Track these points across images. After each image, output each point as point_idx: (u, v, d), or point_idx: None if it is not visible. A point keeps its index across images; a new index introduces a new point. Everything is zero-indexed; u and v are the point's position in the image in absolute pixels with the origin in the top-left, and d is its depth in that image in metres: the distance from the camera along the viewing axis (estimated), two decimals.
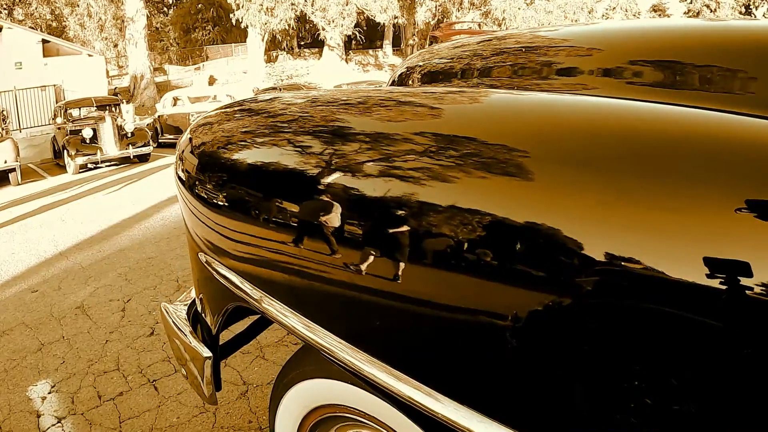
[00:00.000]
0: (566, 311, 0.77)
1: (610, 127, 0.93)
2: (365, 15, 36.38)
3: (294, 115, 1.44)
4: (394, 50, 45.78)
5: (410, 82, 2.12)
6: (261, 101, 1.68)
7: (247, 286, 1.40)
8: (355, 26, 36.82)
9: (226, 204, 1.42)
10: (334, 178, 1.11)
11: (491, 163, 0.90)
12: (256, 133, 1.43)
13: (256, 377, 3.21)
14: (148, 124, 19.97)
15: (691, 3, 46.89)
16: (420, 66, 2.12)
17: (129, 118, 16.54)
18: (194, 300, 2.13)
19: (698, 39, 1.37)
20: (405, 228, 0.96)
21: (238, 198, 1.39)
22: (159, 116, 20.80)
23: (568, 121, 1.00)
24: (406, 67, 2.20)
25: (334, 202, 1.09)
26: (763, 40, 1.24)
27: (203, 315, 1.81)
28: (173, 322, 1.94)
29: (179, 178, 1.70)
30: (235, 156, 1.42)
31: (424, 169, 0.97)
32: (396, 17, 37.40)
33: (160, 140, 19.98)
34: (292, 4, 33.21)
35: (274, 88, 24.48)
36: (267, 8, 32.63)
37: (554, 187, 0.82)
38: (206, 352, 1.71)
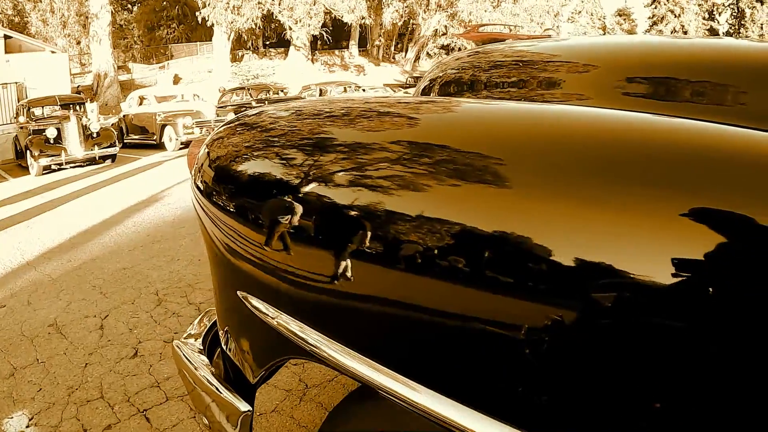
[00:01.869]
0: (549, 318, 0.77)
1: (584, 136, 0.95)
2: (332, 15, 36.39)
3: (334, 124, 1.25)
4: (360, 51, 45.96)
5: (438, 89, 1.98)
6: (289, 109, 1.45)
7: (331, 349, 1.11)
8: (322, 26, 36.81)
9: (302, 242, 1.13)
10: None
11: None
12: (316, 147, 1.17)
13: (260, 404, 2.94)
14: (112, 124, 19.48)
15: (655, 8, 47.42)
16: (449, 73, 1.99)
17: (94, 117, 16.13)
18: (212, 332, 1.88)
19: (706, 56, 1.44)
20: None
21: (324, 233, 1.10)
22: (124, 116, 20.38)
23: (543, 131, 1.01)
24: (435, 75, 2.06)
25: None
26: (749, 58, 1.36)
27: (238, 361, 1.52)
28: (194, 366, 1.66)
29: (208, 199, 1.43)
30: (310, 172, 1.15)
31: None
32: (363, 18, 37.59)
33: (125, 141, 19.56)
34: (259, 2, 33.00)
35: (241, 88, 24.24)
36: (233, 6, 32.41)
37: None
38: (243, 406, 1.42)
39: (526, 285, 0.79)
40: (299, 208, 1.11)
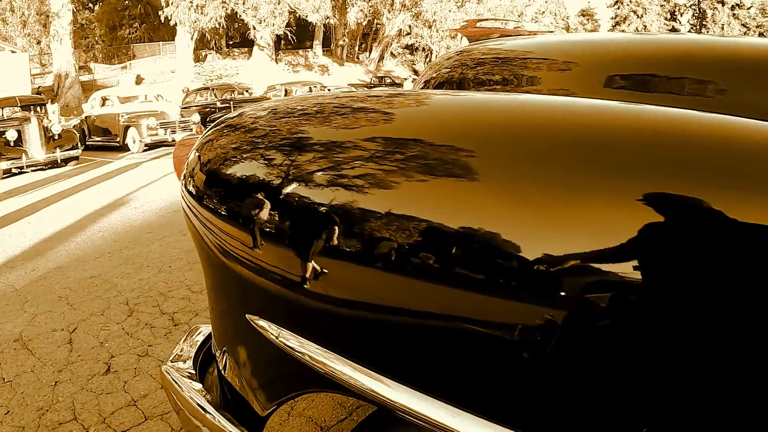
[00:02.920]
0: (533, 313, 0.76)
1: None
2: (297, 14, 36.25)
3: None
4: (324, 50, 45.98)
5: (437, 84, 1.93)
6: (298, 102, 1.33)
7: (377, 384, 0.96)
8: (286, 26, 36.66)
9: (339, 255, 0.98)
10: None
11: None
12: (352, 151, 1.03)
13: None
14: (74, 126, 19.07)
15: (618, 8, 47.92)
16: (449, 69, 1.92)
17: (55, 119, 15.78)
18: (203, 351, 1.75)
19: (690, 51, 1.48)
20: None
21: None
22: (86, 117, 19.97)
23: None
24: (428, 76, 2.00)
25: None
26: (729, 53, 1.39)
27: (242, 389, 1.36)
28: (189, 396, 1.49)
29: (209, 209, 1.27)
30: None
31: None
32: (328, 17, 37.56)
33: (87, 143, 19.18)
34: (223, 1, 32.77)
35: (206, 89, 23.96)
36: (197, 5, 32.07)
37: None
38: None
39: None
40: (330, 214, 0.97)
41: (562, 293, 0.74)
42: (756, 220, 0.67)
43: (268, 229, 1.09)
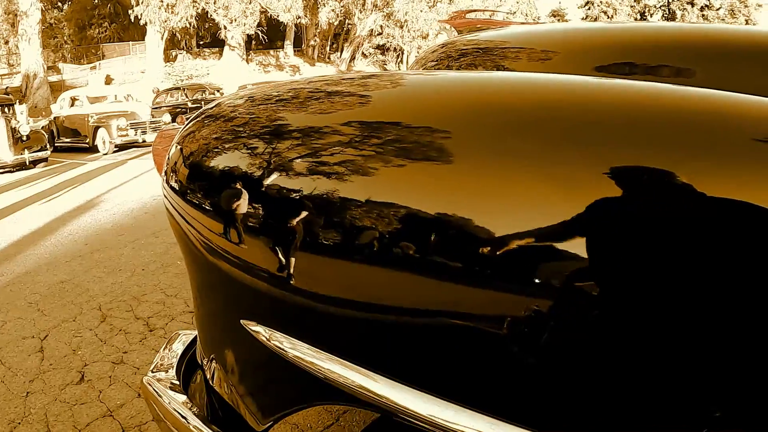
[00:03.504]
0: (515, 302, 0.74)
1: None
2: (268, 14, 36.11)
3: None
4: (295, 51, 45.91)
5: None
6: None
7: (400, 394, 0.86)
8: (257, 26, 36.51)
9: (349, 253, 0.89)
10: None
11: None
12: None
13: None
14: (43, 127, 18.76)
15: (588, 9, 48.34)
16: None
17: (23, 119, 15.51)
18: (186, 358, 1.63)
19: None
20: None
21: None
22: (55, 118, 19.67)
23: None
24: (422, 65, 1.96)
25: None
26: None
27: (234, 401, 1.25)
28: (174, 409, 1.39)
29: (195, 206, 1.17)
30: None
31: None
32: (299, 17, 37.48)
33: (56, 144, 18.88)
34: (194, 1, 32.48)
35: (176, 89, 23.78)
36: (167, 5, 31.82)
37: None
38: None
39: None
40: (333, 202, 0.89)
41: (570, 281, 0.70)
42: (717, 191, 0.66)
43: (265, 224, 1.00)
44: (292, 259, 0.94)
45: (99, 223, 7.76)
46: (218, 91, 25.42)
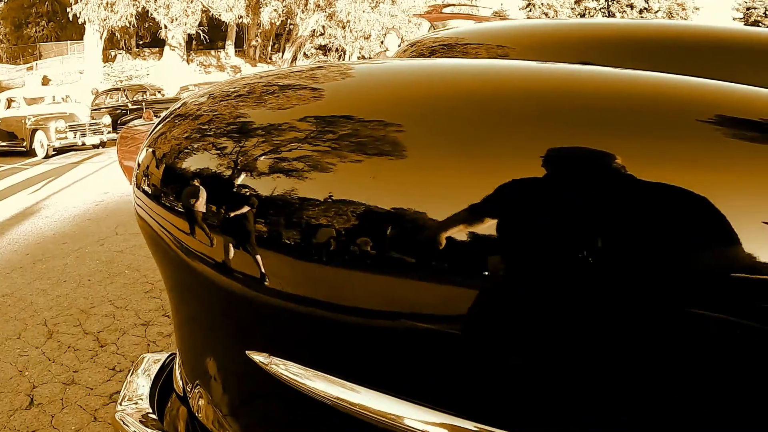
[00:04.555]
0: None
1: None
2: (209, 13, 35.79)
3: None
4: (236, 51, 45.66)
5: None
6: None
7: None
8: (199, 25, 36.09)
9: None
10: None
11: None
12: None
13: None
14: None
15: (530, 11, 49.06)
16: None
17: None
18: (159, 384, 1.49)
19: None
20: None
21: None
22: None
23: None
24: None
25: None
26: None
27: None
28: None
29: (184, 218, 1.02)
30: None
31: None
32: (241, 17, 37.25)
33: None
34: None
35: (116, 89, 23.38)
36: (107, 3, 31.25)
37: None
38: None
39: None
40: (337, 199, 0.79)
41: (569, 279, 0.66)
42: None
43: (273, 233, 0.87)
44: (314, 276, 0.83)
45: (40, 231, 7.49)
46: (159, 92, 25.05)
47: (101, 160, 15.46)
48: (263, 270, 0.88)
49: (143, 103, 22.25)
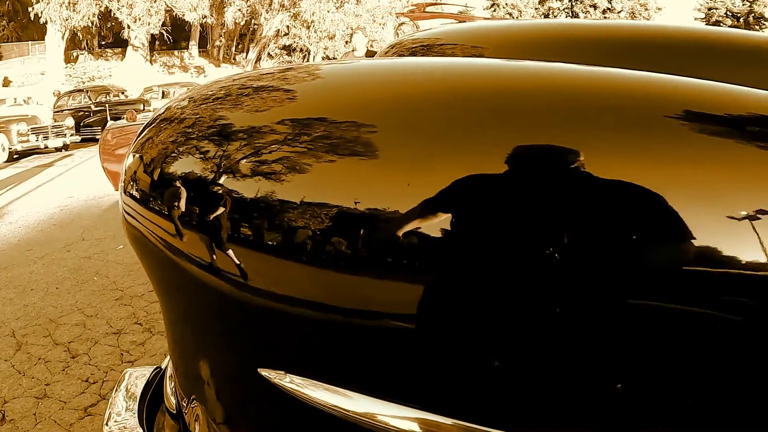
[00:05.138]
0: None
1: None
2: (173, 13, 35.60)
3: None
4: (200, 51, 45.48)
5: None
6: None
7: None
8: (162, 25, 35.87)
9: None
10: None
11: None
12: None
13: None
14: None
15: (494, 11, 49.45)
16: None
17: None
18: (147, 398, 1.45)
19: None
20: None
21: None
22: None
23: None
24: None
25: None
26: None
27: None
28: None
29: (179, 224, 0.96)
30: None
31: None
32: (205, 17, 37.09)
33: None
34: None
35: (79, 91, 23.12)
36: (69, 2, 30.88)
37: None
38: None
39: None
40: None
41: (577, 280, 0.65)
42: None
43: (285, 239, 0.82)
44: (338, 283, 0.78)
45: (4, 238, 7.34)
46: (122, 93, 24.82)
47: (65, 164, 15.25)
48: (279, 277, 0.83)
49: (107, 105, 22.00)
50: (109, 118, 21.48)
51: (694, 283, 0.63)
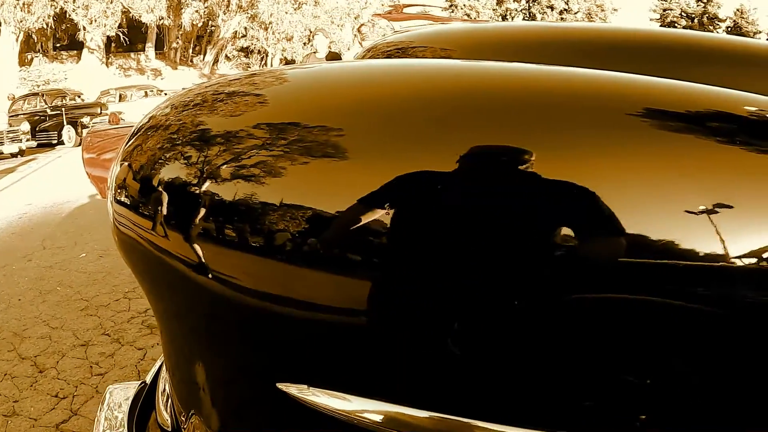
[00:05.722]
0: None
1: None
2: (130, 15, 35.23)
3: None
4: (157, 53, 45.10)
5: None
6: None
7: None
8: (118, 27, 35.47)
9: None
10: None
11: None
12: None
13: None
14: None
15: (452, 12, 49.80)
16: None
17: None
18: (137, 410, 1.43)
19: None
20: None
21: None
22: None
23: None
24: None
25: None
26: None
27: None
28: None
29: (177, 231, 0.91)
30: None
31: None
32: (162, 18, 36.81)
33: None
34: (52, 0, 31.15)
35: (35, 95, 22.80)
36: (24, 3, 30.38)
37: None
38: None
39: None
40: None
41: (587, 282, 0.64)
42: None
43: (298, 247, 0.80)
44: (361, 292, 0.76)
45: None
46: (79, 96, 24.51)
47: (22, 170, 14.98)
48: (292, 284, 0.78)
49: (63, 109, 21.70)
50: (65, 122, 21.25)
51: (645, 277, 0.63)
